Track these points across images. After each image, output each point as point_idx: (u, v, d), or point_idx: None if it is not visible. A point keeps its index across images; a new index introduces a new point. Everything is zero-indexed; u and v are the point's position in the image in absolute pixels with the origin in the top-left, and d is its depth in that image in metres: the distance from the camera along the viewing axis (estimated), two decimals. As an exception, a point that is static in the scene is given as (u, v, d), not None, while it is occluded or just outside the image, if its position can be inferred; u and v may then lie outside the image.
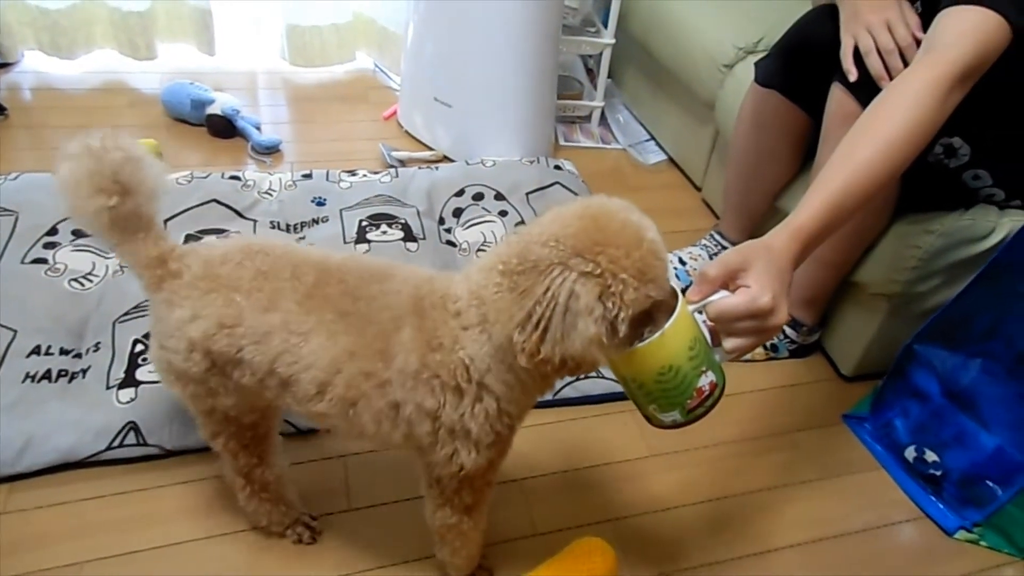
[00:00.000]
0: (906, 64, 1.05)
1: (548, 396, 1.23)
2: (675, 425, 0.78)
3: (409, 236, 1.54)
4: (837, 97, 1.17)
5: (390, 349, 0.78)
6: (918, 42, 1.05)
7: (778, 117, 1.37)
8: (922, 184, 1.16)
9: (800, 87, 1.32)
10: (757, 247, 0.77)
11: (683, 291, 0.74)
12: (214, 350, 0.81)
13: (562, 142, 2.13)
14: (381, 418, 0.81)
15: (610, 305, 0.67)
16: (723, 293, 0.76)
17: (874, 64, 1.08)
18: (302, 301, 0.80)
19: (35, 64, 2.08)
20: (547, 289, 0.66)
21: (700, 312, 0.76)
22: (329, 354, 0.79)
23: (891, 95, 0.89)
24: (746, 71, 1.50)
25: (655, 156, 2.10)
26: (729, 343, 0.76)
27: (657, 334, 0.70)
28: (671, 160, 2.10)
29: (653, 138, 2.17)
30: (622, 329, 0.68)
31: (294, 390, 0.81)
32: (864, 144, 0.86)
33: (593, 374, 1.33)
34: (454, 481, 0.85)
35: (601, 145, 2.16)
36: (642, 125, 2.22)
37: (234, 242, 0.87)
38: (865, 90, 1.09)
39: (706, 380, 0.74)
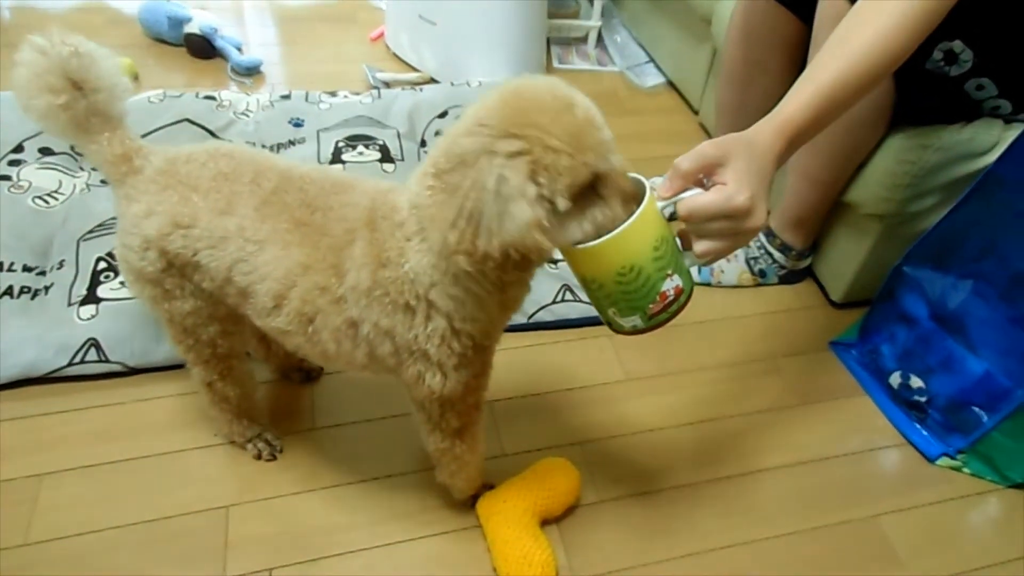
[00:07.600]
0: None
1: (520, 318, 1.22)
2: (635, 331, 0.73)
3: (387, 157, 1.49)
4: (829, -3, 1.08)
5: (342, 264, 0.75)
6: None
7: (767, 24, 1.28)
8: (920, 95, 1.08)
9: (793, -10, 1.23)
10: (738, 141, 0.70)
11: (652, 189, 0.68)
12: (170, 250, 0.79)
13: (556, 64, 2.04)
14: (340, 337, 0.78)
15: (543, 180, 0.61)
16: (697, 190, 0.69)
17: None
18: (259, 207, 0.77)
19: (12, -17, 2.02)
20: (474, 180, 0.61)
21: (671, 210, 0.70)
22: (284, 265, 0.76)
23: None
24: (744, -20, 1.40)
25: (653, 79, 2.01)
26: (700, 246, 0.70)
27: (618, 229, 0.64)
28: (669, 83, 2.01)
29: (652, 60, 2.08)
30: (561, 204, 0.62)
31: (252, 302, 0.79)
32: (860, 30, 0.78)
33: (570, 298, 1.29)
34: (435, 405, 0.82)
35: (597, 67, 2.06)
36: (641, 46, 2.12)
37: (203, 145, 0.84)
38: (859, -12, 1.00)
39: (671, 284, 0.69)
